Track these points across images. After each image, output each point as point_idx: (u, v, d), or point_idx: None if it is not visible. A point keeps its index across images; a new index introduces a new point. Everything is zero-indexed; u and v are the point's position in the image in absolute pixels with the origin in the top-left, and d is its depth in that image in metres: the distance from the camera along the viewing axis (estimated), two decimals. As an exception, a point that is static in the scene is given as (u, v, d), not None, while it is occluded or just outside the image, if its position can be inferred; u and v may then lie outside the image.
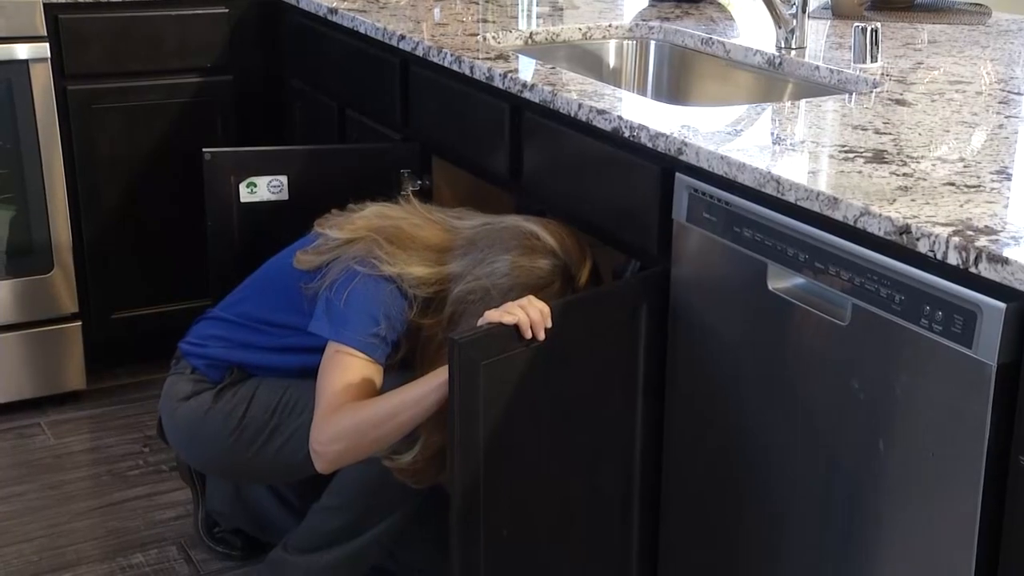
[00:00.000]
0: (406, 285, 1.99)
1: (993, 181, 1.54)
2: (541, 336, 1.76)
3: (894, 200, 1.46)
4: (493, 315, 1.76)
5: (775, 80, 2.33)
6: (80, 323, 3.00)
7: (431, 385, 1.85)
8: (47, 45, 2.81)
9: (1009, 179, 1.55)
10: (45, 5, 2.81)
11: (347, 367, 1.95)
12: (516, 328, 1.74)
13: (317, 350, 1.99)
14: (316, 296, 2.03)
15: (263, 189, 2.43)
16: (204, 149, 2.42)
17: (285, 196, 2.45)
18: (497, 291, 1.94)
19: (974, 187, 1.51)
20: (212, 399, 2.15)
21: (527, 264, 1.96)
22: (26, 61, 2.78)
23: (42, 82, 2.81)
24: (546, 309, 1.78)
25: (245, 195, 2.42)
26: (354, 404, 1.92)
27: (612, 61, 2.66)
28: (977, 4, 2.65)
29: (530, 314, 1.76)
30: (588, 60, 2.62)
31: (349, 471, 2.07)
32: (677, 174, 1.80)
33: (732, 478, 1.78)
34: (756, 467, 1.73)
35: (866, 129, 1.79)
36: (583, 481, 1.90)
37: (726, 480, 1.79)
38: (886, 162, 1.62)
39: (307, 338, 2.02)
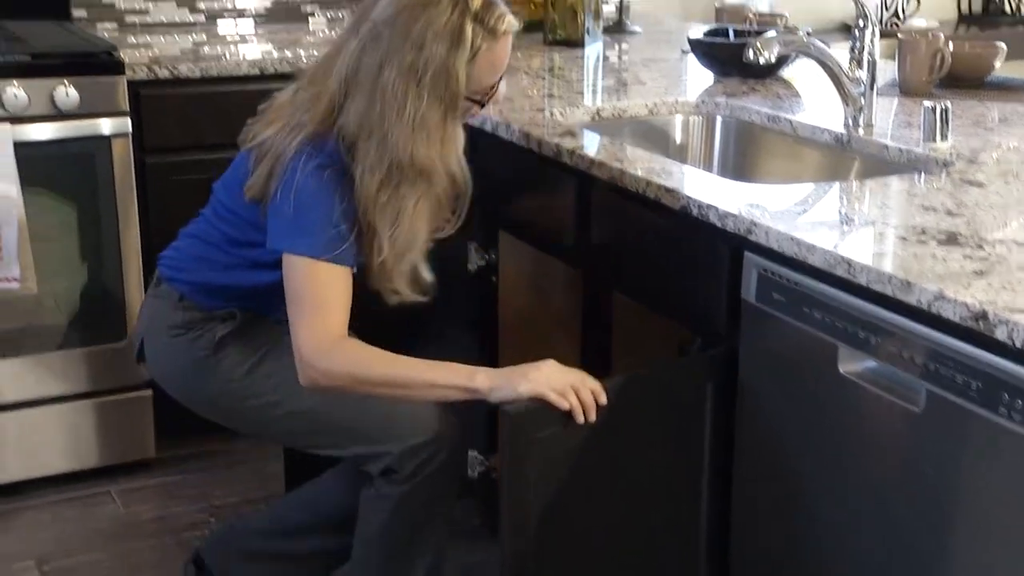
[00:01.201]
0: (333, 144, 1.90)
1: (1072, 266, 1.50)
2: (592, 418, 1.72)
3: (969, 285, 1.43)
4: (544, 390, 1.72)
5: (843, 158, 2.30)
6: (151, 391, 3.02)
7: (454, 380, 1.84)
8: (128, 119, 2.86)
9: (1090, 264, 1.51)
10: (128, 81, 2.86)
11: (322, 280, 1.88)
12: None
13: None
14: (266, 205, 1.95)
15: None
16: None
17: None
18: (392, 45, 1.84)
19: (1053, 273, 1.47)
20: (211, 348, 2.07)
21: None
22: (108, 136, 2.83)
23: (122, 155, 2.85)
24: (599, 388, 1.74)
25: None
26: (365, 351, 1.89)
27: (678, 137, 2.65)
28: (1049, 83, 2.62)
29: (582, 397, 1.72)
30: (654, 135, 2.61)
31: (370, 526, 2.06)
32: (746, 253, 1.78)
33: (801, 562, 1.73)
34: (825, 551, 1.68)
35: (937, 210, 1.75)
36: (642, 565, 1.85)
37: (795, 565, 1.74)
38: (960, 245, 1.59)
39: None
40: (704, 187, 1.97)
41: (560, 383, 1.74)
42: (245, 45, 3.26)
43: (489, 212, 2.52)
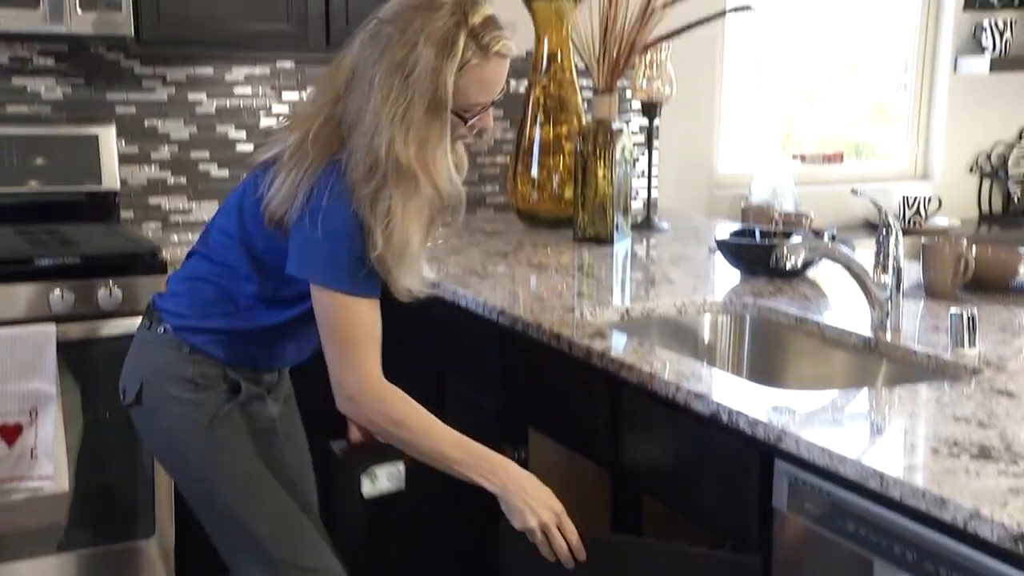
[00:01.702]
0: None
1: (1108, 486, 1.48)
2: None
3: (1006, 503, 1.41)
4: (536, 530, 1.88)
5: (871, 361, 2.30)
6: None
7: (471, 473, 1.94)
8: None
9: (1125, 483, 1.48)
10: (166, 278, 2.91)
11: (358, 318, 1.96)
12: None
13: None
14: (288, 228, 1.97)
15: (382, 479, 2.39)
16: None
17: (402, 485, 2.35)
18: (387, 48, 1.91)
19: (1089, 492, 1.45)
20: (208, 420, 2.08)
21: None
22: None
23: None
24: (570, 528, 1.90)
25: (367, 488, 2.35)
26: (403, 408, 1.98)
27: (707, 336, 2.66)
28: (1077, 293, 2.63)
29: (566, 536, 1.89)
30: (683, 334, 2.63)
31: None
32: (777, 461, 1.76)
33: None
34: None
35: (969, 421, 1.74)
36: None
37: None
38: (993, 459, 1.57)
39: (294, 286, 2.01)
40: (733, 392, 1.97)
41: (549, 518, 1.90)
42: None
43: (520, 410, 2.52)
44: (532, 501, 1.90)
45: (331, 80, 2.02)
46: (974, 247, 2.65)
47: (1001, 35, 4.34)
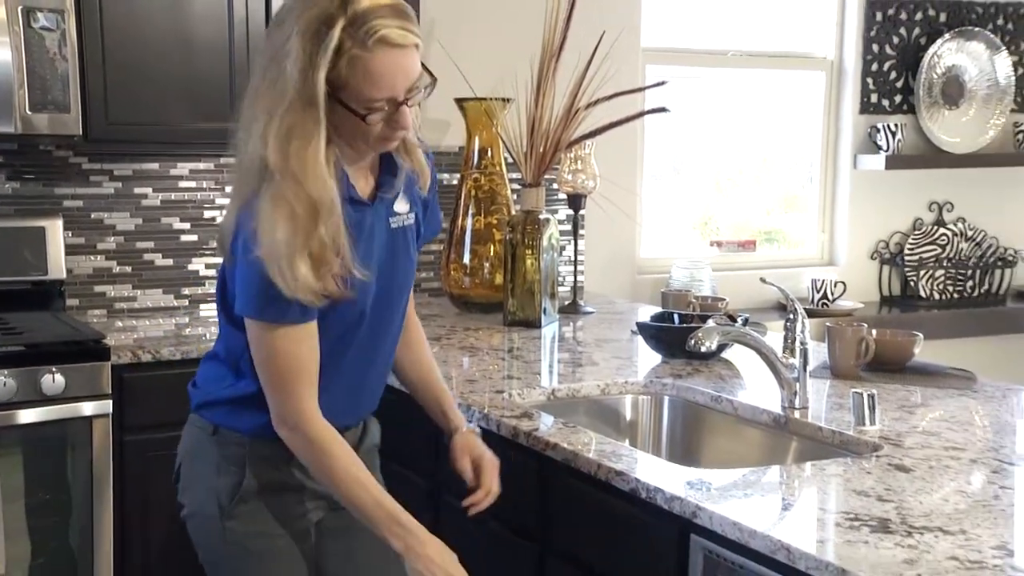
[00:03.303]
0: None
1: (994, 556, 1.51)
2: None
3: (902, 574, 1.44)
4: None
5: (781, 438, 2.34)
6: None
7: (380, 528, 1.83)
8: (110, 402, 2.87)
9: (1010, 555, 1.52)
10: (112, 366, 2.90)
11: (281, 347, 1.79)
12: None
13: None
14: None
15: None
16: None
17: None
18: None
19: (976, 563, 1.49)
20: (225, 505, 1.93)
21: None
22: (90, 417, 2.84)
23: (102, 435, 2.85)
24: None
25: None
26: (340, 456, 1.84)
27: (628, 415, 2.69)
28: (963, 369, 2.70)
29: None
30: (606, 414, 2.65)
31: None
32: (692, 535, 1.79)
33: None
34: None
35: (869, 495, 1.78)
36: None
37: None
38: (890, 532, 1.61)
39: None
40: (652, 470, 1.99)
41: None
42: (225, 327, 3.32)
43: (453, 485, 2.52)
44: (434, 567, 1.82)
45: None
46: (874, 331, 2.72)
47: (894, 135, 4.51)
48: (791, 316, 2.40)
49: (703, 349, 2.35)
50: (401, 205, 1.98)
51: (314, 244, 1.72)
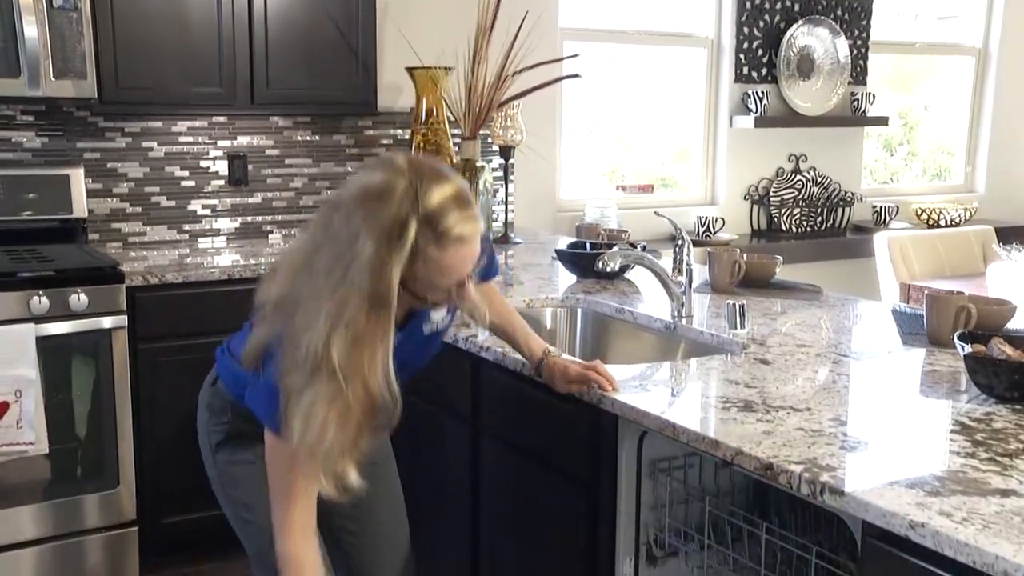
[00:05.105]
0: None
1: (831, 426, 1.56)
2: None
3: (760, 442, 1.47)
4: None
5: (672, 340, 2.37)
6: (137, 528, 2.90)
7: None
8: (125, 317, 2.83)
9: (844, 425, 1.57)
10: (127, 287, 2.85)
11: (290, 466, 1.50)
12: None
13: None
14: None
15: None
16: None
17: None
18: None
19: (817, 431, 1.53)
20: (217, 442, 1.78)
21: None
22: (110, 330, 2.80)
23: (120, 345, 2.82)
24: None
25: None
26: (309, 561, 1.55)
27: (549, 323, 2.70)
28: (812, 285, 2.75)
29: None
30: (531, 324, 2.60)
31: None
32: (602, 417, 1.81)
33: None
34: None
35: (739, 384, 1.81)
36: None
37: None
38: (753, 411, 1.64)
39: None
40: (567, 366, 2.00)
41: None
42: (219, 256, 3.27)
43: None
44: None
45: (301, 243, 1.52)
46: (745, 255, 2.75)
47: (761, 101, 4.52)
48: (680, 244, 2.42)
49: (608, 270, 2.36)
50: (438, 313, 1.70)
51: (362, 440, 1.44)
